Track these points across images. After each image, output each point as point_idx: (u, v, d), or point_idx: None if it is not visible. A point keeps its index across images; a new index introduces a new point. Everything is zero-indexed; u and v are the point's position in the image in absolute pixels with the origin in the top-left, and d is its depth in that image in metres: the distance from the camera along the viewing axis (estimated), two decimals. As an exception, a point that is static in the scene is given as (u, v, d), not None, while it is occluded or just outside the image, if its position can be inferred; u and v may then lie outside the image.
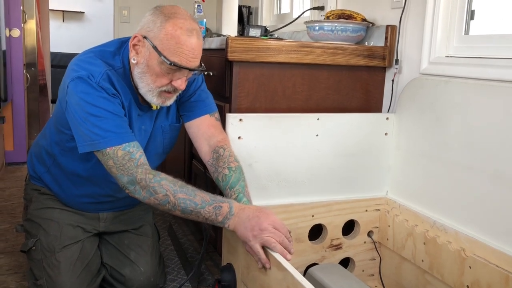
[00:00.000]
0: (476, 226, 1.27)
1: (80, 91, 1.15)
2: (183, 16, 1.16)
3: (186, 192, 1.14)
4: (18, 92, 3.00)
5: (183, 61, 1.15)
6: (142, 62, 1.18)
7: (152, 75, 1.18)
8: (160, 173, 1.17)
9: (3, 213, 2.12)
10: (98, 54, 1.23)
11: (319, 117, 1.48)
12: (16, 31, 2.91)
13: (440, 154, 1.38)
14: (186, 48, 1.14)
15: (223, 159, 1.28)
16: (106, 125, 1.15)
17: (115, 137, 1.15)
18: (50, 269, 1.34)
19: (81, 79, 1.16)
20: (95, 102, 1.15)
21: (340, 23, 1.62)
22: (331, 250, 1.56)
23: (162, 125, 1.38)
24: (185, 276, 1.62)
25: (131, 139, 1.17)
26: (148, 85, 1.19)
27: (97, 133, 1.14)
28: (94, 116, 1.14)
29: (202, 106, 1.37)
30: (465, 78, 1.33)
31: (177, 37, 1.13)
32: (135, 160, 1.16)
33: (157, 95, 1.21)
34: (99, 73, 1.17)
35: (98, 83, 1.16)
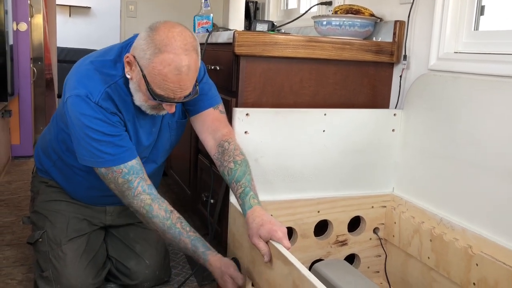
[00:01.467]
0: (483, 224, 1.26)
1: (78, 111, 1.17)
2: (174, 49, 1.10)
3: (173, 235, 1.24)
4: (25, 86, 3.00)
5: (169, 94, 1.14)
6: (134, 81, 1.19)
7: (143, 95, 1.19)
8: (153, 208, 1.23)
9: (9, 206, 2.13)
10: (98, 66, 1.23)
11: (326, 112, 1.47)
12: (23, 25, 2.91)
13: (448, 151, 1.37)
14: (173, 85, 1.12)
15: (228, 153, 1.28)
16: (103, 147, 1.18)
17: (111, 159, 1.19)
18: (56, 261, 1.34)
19: (79, 97, 1.17)
20: (92, 125, 1.17)
21: (348, 18, 1.61)
22: (336, 246, 1.56)
23: (169, 122, 1.38)
24: (190, 270, 1.63)
25: (129, 157, 1.21)
26: (141, 101, 1.21)
27: (94, 153, 1.19)
28: (92, 138, 1.18)
29: (205, 99, 1.36)
30: (474, 74, 1.32)
31: (164, 75, 1.11)
32: (133, 189, 1.22)
33: (150, 109, 1.23)
34: (99, 92, 1.18)
35: (97, 102, 1.18)
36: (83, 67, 1.24)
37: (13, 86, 2.65)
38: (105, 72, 1.22)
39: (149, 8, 3.51)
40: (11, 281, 1.48)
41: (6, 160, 2.75)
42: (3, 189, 2.37)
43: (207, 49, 1.69)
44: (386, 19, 1.68)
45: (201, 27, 2.15)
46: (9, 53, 2.53)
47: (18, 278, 1.50)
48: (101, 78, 1.21)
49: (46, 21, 3.56)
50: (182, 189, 2.12)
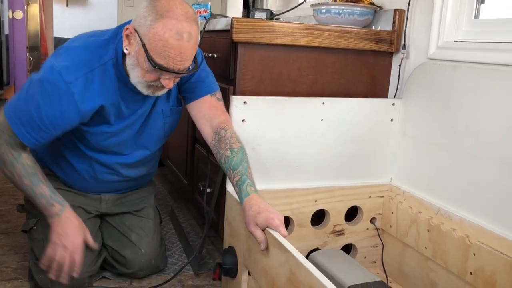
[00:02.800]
0: (481, 213, 1.25)
1: (42, 78, 1.15)
2: (176, 15, 1.09)
3: (32, 181, 1.24)
4: (21, 75, 2.98)
5: (169, 64, 1.10)
6: (132, 54, 1.15)
7: (141, 70, 1.15)
8: (23, 156, 1.23)
9: (5, 194, 2.12)
10: (90, 45, 1.20)
11: (325, 101, 1.46)
12: (19, 13, 2.89)
13: (447, 140, 1.36)
14: (174, 52, 1.09)
15: (224, 140, 1.26)
16: (24, 114, 1.17)
17: (17, 124, 1.18)
18: None
19: (52, 69, 1.15)
20: (40, 96, 1.15)
21: (348, 6, 1.59)
22: (333, 236, 1.55)
23: (163, 109, 1.36)
24: (186, 260, 1.62)
25: (24, 139, 1.19)
26: (138, 77, 1.17)
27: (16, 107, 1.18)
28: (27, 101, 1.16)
29: (202, 86, 1.34)
30: (474, 63, 1.30)
31: (164, 40, 1.08)
32: (12, 139, 1.20)
33: (146, 87, 1.19)
34: (76, 75, 1.16)
35: (68, 82, 1.14)
36: (76, 42, 1.22)
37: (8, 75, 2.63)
38: (95, 52, 1.19)
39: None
40: (6, 269, 1.47)
41: (1, 149, 2.73)
42: (-2, 178, 2.36)
43: (204, 36, 1.67)
44: (385, 7, 1.66)
45: (199, 15, 2.13)
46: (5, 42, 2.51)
47: (12, 266, 1.49)
48: (89, 58, 1.18)
49: (43, 10, 3.53)
50: (179, 179, 2.11)
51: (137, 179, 1.47)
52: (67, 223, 1.27)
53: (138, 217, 1.49)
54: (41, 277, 1.32)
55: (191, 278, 1.50)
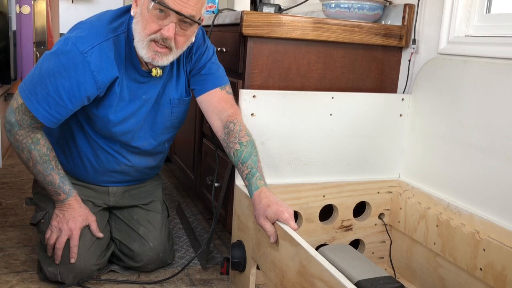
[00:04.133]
0: (491, 209, 1.24)
1: (56, 50, 1.16)
2: None
3: (45, 168, 1.28)
4: (28, 70, 2.99)
5: (170, 1, 1.09)
6: (137, 12, 1.16)
7: (143, 22, 1.14)
8: (40, 143, 1.26)
9: (12, 188, 2.13)
10: (104, 17, 1.23)
11: (334, 96, 1.45)
12: (27, 8, 2.89)
13: (457, 135, 1.35)
14: None
15: (233, 134, 1.26)
16: (39, 90, 1.17)
17: (33, 103, 1.18)
18: None
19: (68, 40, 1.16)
20: (55, 70, 1.15)
21: (357, 0, 1.58)
22: (341, 231, 1.55)
23: (170, 98, 1.35)
24: (194, 254, 1.62)
25: (42, 118, 1.19)
26: (139, 33, 1.16)
27: (32, 84, 1.18)
28: (42, 77, 1.16)
29: (212, 79, 1.34)
30: (485, 58, 1.29)
31: None
32: (34, 121, 1.22)
33: (147, 46, 1.16)
34: (90, 44, 1.16)
35: (83, 52, 1.15)
36: (96, 16, 1.26)
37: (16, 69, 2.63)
38: (110, 24, 1.21)
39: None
40: (15, 261, 1.48)
41: (9, 143, 2.74)
42: (6, 172, 2.37)
43: (213, 31, 1.67)
44: (395, 2, 1.65)
45: (207, 11, 2.13)
46: (13, 38, 2.52)
47: (21, 258, 1.50)
48: (103, 29, 1.20)
49: (49, 6, 3.53)
50: (186, 174, 2.11)
51: (144, 170, 1.46)
52: (68, 210, 1.33)
53: (146, 210, 1.49)
54: (50, 270, 1.33)
55: (198, 272, 1.50)
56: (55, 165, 1.30)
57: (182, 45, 1.19)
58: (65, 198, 1.32)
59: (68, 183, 1.33)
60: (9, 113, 1.24)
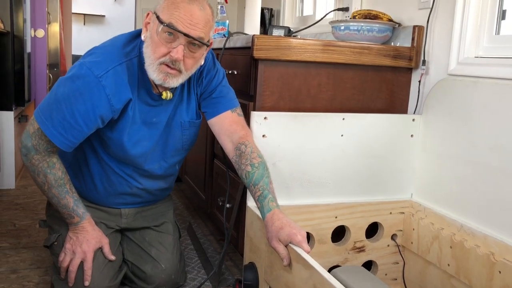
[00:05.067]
0: (506, 230, 1.23)
1: (72, 75, 1.19)
2: None
3: (59, 192, 1.29)
4: (41, 91, 3.04)
5: (178, 24, 1.12)
6: (148, 36, 1.19)
7: (153, 46, 1.17)
8: (55, 166, 1.27)
9: (25, 209, 2.15)
10: (117, 42, 1.26)
11: (345, 117, 1.46)
12: (41, 32, 2.96)
13: (469, 156, 1.35)
14: (184, 12, 1.13)
15: (245, 155, 1.27)
16: (55, 115, 1.19)
17: (49, 127, 1.20)
18: None
19: (83, 65, 1.19)
20: (71, 95, 1.17)
21: (366, 23, 1.60)
22: (354, 253, 1.54)
23: (181, 121, 1.37)
24: (205, 275, 1.62)
25: (58, 144, 1.21)
26: (149, 57, 1.18)
27: (48, 109, 1.20)
28: (58, 101, 1.18)
29: (223, 102, 1.36)
30: (495, 79, 1.30)
31: (176, 3, 1.13)
32: (50, 145, 1.23)
33: (158, 69, 1.18)
34: (105, 69, 1.18)
35: (98, 76, 1.17)
36: (111, 40, 1.29)
37: (30, 91, 2.68)
38: (123, 48, 1.24)
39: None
40: (28, 283, 1.48)
41: (21, 165, 2.77)
42: (19, 193, 2.39)
43: (224, 54, 1.70)
44: (404, 24, 1.67)
45: (217, 33, 2.16)
46: (27, 60, 2.57)
47: (34, 280, 1.50)
48: (117, 53, 1.22)
49: (62, 29, 3.61)
50: (196, 194, 2.12)
51: (155, 192, 1.48)
52: (82, 232, 1.33)
53: (158, 232, 1.50)
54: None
55: (210, 294, 1.49)
56: (70, 189, 1.31)
57: (191, 67, 1.22)
58: (78, 221, 1.33)
59: (82, 206, 1.34)
60: (25, 138, 1.25)
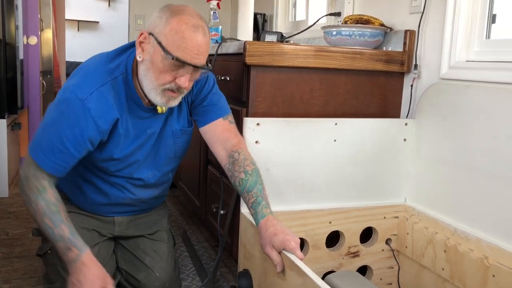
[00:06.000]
0: (500, 234, 1.23)
1: (56, 101, 1.18)
2: (190, 13, 1.13)
3: (52, 221, 1.18)
4: (34, 99, 3.03)
5: (186, 56, 1.11)
6: (146, 59, 1.15)
7: (155, 71, 1.14)
8: (47, 192, 1.20)
9: (19, 218, 2.13)
10: (100, 62, 1.23)
11: (337, 122, 1.46)
12: (34, 39, 2.95)
13: (461, 160, 1.35)
14: (191, 43, 1.10)
15: (238, 163, 1.26)
16: (43, 141, 1.18)
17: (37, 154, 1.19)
18: (65, 272, 1.32)
19: (66, 89, 1.17)
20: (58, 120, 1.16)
21: (358, 28, 1.61)
22: (348, 258, 1.53)
23: (173, 130, 1.35)
24: (200, 282, 1.61)
25: (49, 170, 1.19)
26: (152, 82, 1.16)
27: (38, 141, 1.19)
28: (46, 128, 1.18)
29: (215, 110, 1.34)
30: (486, 83, 1.31)
31: (181, 32, 1.10)
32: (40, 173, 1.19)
33: (161, 94, 1.17)
34: (89, 91, 1.17)
35: (82, 99, 1.15)
36: (90, 60, 1.26)
37: (23, 99, 2.67)
38: (106, 68, 1.21)
39: (157, 22, 3.52)
40: (21, 293, 1.47)
41: (15, 172, 2.76)
42: (12, 201, 2.37)
43: (216, 60, 1.70)
44: (396, 28, 1.68)
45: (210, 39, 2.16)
46: (20, 67, 2.56)
47: (27, 290, 1.49)
48: (100, 74, 1.20)
49: (55, 35, 3.60)
50: (191, 200, 2.11)
51: (149, 200, 1.47)
52: (83, 271, 1.16)
53: (152, 240, 1.49)
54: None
55: (205, 302, 1.49)
56: (65, 217, 1.20)
57: (189, 87, 1.21)
58: (77, 255, 1.16)
59: (80, 238, 1.20)
60: (21, 170, 1.23)
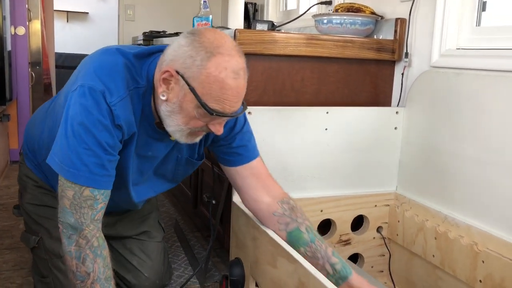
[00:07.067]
0: (489, 220, 1.24)
1: (84, 104, 0.96)
2: (228, 50, 0.94)
3: None
4: (23, 90, 2.99)
5: (226, 108, 0.95)
6: (174, 102, 0.97)
7: (185, 117, 0.98)
8: (105, 246, 1.03)
9: (8, 210, 2.11)
10: (128, 64, 1.03)
11: (329, 110, 1.46)
12: (22, 29, 2.91)
13: (452, 148, 1.36)
14: (231, 93, 0.94)
15: (299, 210, 1.16)
16: (86, 159, 0.96)
17: (87, 177, 0.97)
18: (57, 271, 1.28)
19: (93, 91, 0.97)
20: (91, 127, 0.96)
21: (349, 16, 1.60)
22: (340, 246, 1.54)
23: (178, 156, 1.21)
24: (192, 272, 1.61)
25: (104, 186, 1.00)
26: (178, 125, 1.00)
27: (72, 161, 0.97)
28: (80, 142, 0.96)
29: (249, 150, 1.19)
30: (477, 70, 1.31)
31: (221, 81, 0.92)
32: (95, 210, 1.00)
33: (187, 135, 1.02)
34: (118, 96, 0.98)
35: (111, 105, 0.97)
36: (110, 56, 1.03)
37: (11, 90, 2.63)
38: (132, 74, 1.02)
39: (147, 11, 3.51)
40: (11, 284, 1.46)
41: (4, 164, 2.73)
42: (1, 193, 2.35)
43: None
44: (387, 17, 1.68)
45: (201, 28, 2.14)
46: (7, 58, 2.53)
47: (18, 281, 1.48)
48: (126, 81, 1.01)
49: (44, 26, 3.55)
50: (182, 191, 2.11)
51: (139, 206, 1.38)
52: None
53: (140, 240, 1.44)
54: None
55: (197, 291, 1.49)
56: (114, 284, 1.03)
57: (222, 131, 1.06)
58: None
59: None
60: (64, 215, 1.00)
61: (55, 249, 1.27)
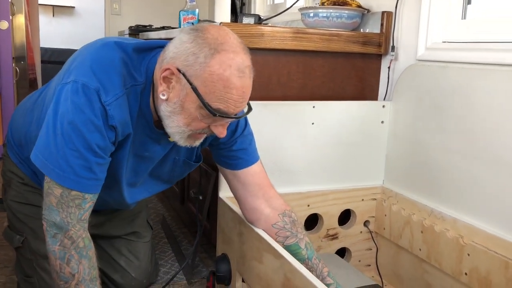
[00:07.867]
0: (474, 214, 1.25)
1: (75, 102, 0.91)
2: (233, 46, 0.89)
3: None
4: (7, 85, 2.95)
5: (230, 108, 0.90)
6: (175, 101, 0.93)
7: (186, 117, 0.93)
8: (91, 247, 0.99)
9: (-8, 207, 2.08)
10: (126, 59, 0.97)
11: (315, 105, 1.45)
12: (5, 23, 2.86)
13: (438, 141, 1.36)
14: (236, 93, 0.89)
15: (300, 225, 1.14)
16: (73, 160, 0.92)
17: (72, 179, 0.93)
18: (42, 271, 1.25)
19: (86, 88, 0.91)
20: (82, 126, 0.91)
21: (335, 9, 1.59)
22: (327, 240, 1.54)
23: (175, 157, 1.18)
24: (179, 268, 1.60)
25: (90, 190, 0.96)
26: (179, 127, 0.95)
27: (57, 161, 0.92)
28: (68, 142, 0.91)
29: (251, 152, 1.15)
30: (462, 63, 1.31)
31: (225, 80, 0.87)
32: (83, 210, 0.96)
33: (187, 137, 0.98)
34: (114, 95, 0.93)
35: (106, 104, 0.92)
36: (108, 51, 0.97)
37: (-6, 86, 2.59)
38: (130, 70, 0.97)
39: (133, 5, 3.47)
40: (-6, 283, 1.44)
41: (-12, 161, 2.69)
42: (-15, 190, 2.31)
43: (192, 43, 1.66)
44: (373, 10, 1.67)
45: (187, 22, 2.12)
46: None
47: (1, 280, 1.46)
48: (123, 75, 0.95)
49: (29, 20, 3.49)
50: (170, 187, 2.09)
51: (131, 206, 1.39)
52: None
53: (127, 240, 1.43)
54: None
55: (184, 287, 1.48)
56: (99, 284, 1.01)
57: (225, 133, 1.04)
58: None
59: None
60: (49, 213, 0.96)
61: (40, 250, 1.23)
